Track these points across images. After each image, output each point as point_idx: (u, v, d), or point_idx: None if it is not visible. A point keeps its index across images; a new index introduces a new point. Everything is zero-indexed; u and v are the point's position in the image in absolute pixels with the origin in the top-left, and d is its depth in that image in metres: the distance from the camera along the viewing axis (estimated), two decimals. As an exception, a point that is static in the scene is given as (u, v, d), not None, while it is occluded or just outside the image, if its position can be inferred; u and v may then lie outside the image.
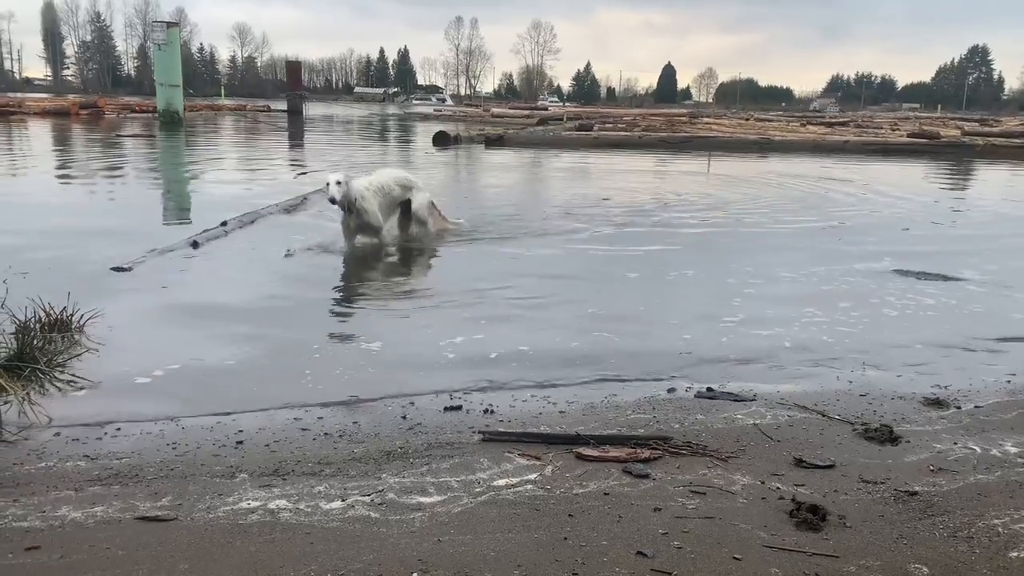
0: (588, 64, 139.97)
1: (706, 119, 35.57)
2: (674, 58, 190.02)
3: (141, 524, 2.23)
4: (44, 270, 5.43)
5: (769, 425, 3.14)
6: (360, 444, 2.89)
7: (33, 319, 3.94)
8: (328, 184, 6.27)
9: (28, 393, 3.26)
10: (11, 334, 3.77)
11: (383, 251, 6.68)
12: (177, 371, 3.71)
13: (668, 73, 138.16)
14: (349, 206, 6.43)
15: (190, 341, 4.15)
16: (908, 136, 24.91)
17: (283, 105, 42.15)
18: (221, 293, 5.18)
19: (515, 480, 2.58)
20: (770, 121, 37.30)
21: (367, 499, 2.42)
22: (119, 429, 3.00)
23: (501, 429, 3.01)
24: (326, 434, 2.98)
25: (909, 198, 11.35)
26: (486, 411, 3.25)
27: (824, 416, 3.26)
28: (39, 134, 22.06)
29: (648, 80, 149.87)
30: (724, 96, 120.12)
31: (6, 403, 3.06)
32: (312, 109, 46.77)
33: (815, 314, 4.91)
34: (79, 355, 3.76)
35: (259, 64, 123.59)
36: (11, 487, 2.45)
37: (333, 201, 6.27)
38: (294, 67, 44.87)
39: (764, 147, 22.15)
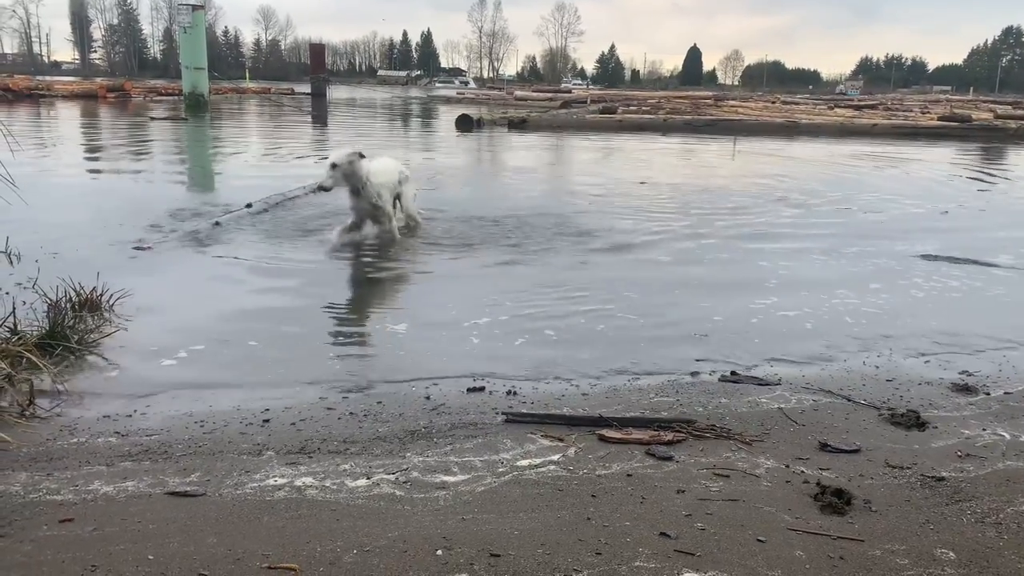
0: (612, 46, 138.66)
1: (732, 102, 35.17)
2: (700, 40, 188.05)
3: (171, 499, 2.27)
4: (74, 250, 5.51)
5: (794, 409, 3.13)
6: (385, 424, 2.91)
7: (64, 299, 4.01)
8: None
9: (60, 371, 3.32)
10: (43, 313, 3.86)
11: (416, 233, 6.64)
12: (203, 351, 3.76)
13: (693, 55, 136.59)
14: (356, 189, 5.92)
15: (215, 321, 4.20)
16: (939, 119, 24.47)
17: (307, 88, 42.29)
18: (243, 275, 5.22)
19: (538, 461, 2.59)
20: (797, 104, 36.80)
21: (392, 477, 2.44)
22: (148, 407, 3.05)
23: (524, 410, 3.02)
24: (351, 413, 3.01)
25: (946, 180, 11.17)
26: (509, 392, 3.26)
27: (849, 401, 3.24)
28: (68, 117, 22.33)
29: (673, 62, 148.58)
30: (750, 79, 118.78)
31: (39, 380, 3.11)
32: (335, 92, 46.84)
33: (846, 296, 4.88)
34: (109, 334, 3.82)
35: (283, 47, 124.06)
36: (44, 462, 2.51)
37: (324, 189, 5.81)
38: (318, 50, 44.95)
39: (791, 130, 21.87)
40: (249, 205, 7.21)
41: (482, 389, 3.30)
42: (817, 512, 2.29)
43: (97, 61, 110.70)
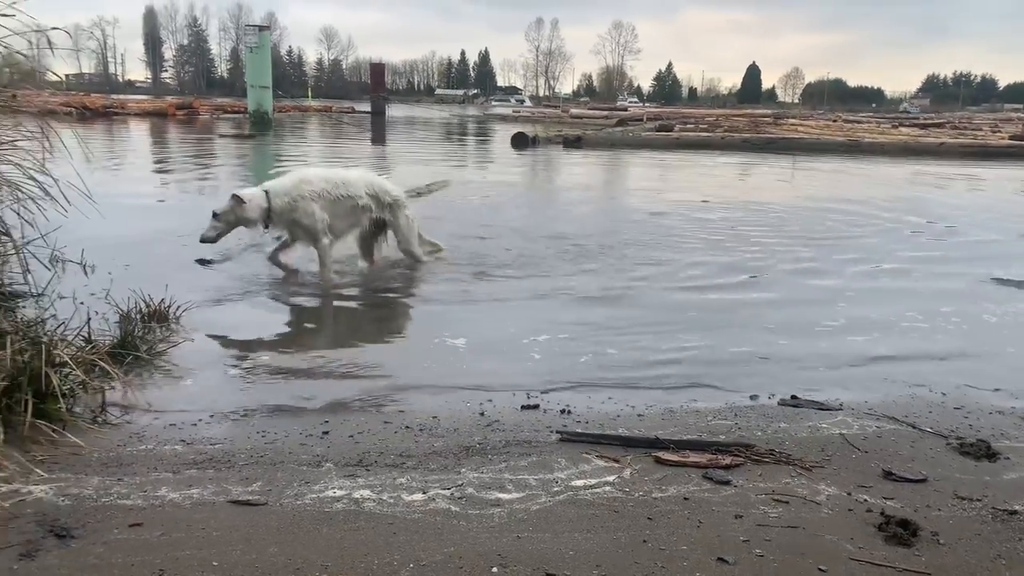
0: (670, 64, 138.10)
1: (791, 120, 34.62)
2: (759, 58, 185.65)
3: (233, 507, 2.33)
4: (144, 262, 5.71)
5: (856, 435, 3.05)
6: (439, 438, 2.94)
7: (134, 309, 4.17)
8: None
9: (130, 379, 3.44)
10: (115, 323, 4.01)
11: (488, 247, 6.69)
12: (266, 361, 3.86)
13: (752, 73, 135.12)
14: (267, 221, 5.24)
15: (277, 331, 4.30)
16: (1011, 138, 23.66)
17: (367, 106, 43.12)
18: (305, 287, 5.34)
19: (593, 481, 2.58)
20: (859, 123, 36.02)
21: (447, 493, 2.46)
22: (212, 416, 3.14)
23: (578, 430, 3.02)
24: (407, 427, 3.05)
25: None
26: (563, 411, 3.26)
27: (915, 428, 3.14)
28: (139, 133, 23.22)
29: (731, 80, 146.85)
30: (811, 97, 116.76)
31: (111, 388, 3.23)
32: (394, 110, 47.68)
33: (915, 319, 4.75)
34: (176, 344, 3.94)
35: (344, 66, 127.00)
36: (115, 467, 2.60)
37: (207, 241, 5.22)
38: (378, 69, 45.80)
39: (853, 149, 21.42)
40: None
41: (536, 407, 3.31)
42: (881, 543, 2.22)
43: (168, 80, 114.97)
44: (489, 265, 6.04)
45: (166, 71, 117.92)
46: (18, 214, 3.81)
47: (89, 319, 3.66)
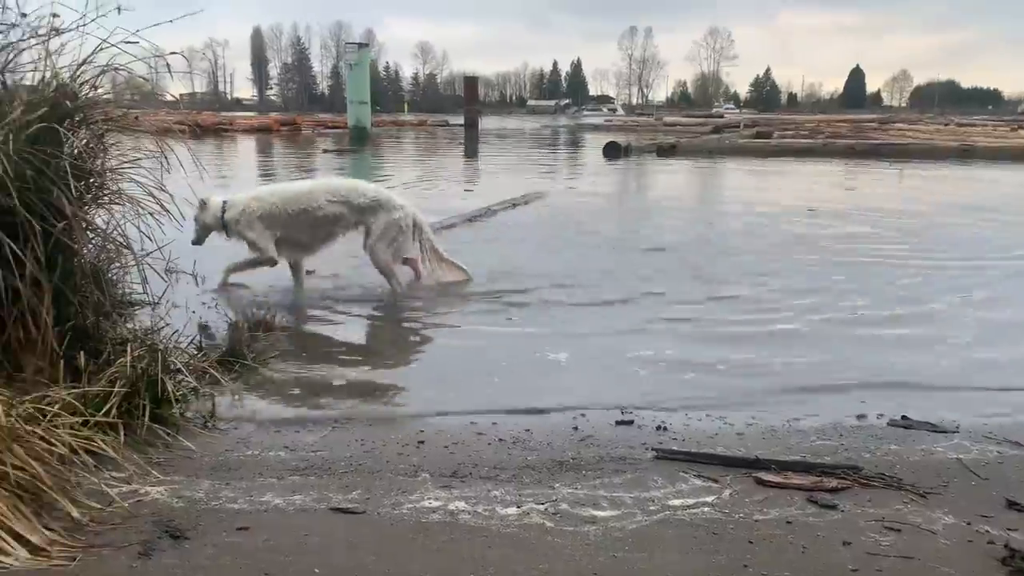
0: (768, 69, 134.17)
1: (899, 125, 33.11)
2: (864, 60, 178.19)
3: (334, 515, 2.39)
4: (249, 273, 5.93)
5: (975, 460, 2.86)
6: (533, 452, 2.93)
7: (242, 318, 4.36)
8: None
9: (238, 386, 3.60)
10: (225, 331, 4.21)
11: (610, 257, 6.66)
12: (366, 372, 3.96)
13: (856, 77, 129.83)
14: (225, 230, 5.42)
15: (377, 341, 4.41)
16: None
17: (460, 119, 43.88)
18: (408, 299, 5.44)
19: (691, 501, 2.51)
20: (972, 126, 34.08)
21: (541, 508, 2.45)
22: (314, 423, 3.24)
23: (675, 447, 2.95)
24: (500, 440, 3.06)
25: None
26: (659, 427, 3.19)
27: (1043, 455, 2.92)
28: (245, 149, 24.37)
29: (833, 85, 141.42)
30: (920, 100, 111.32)
31: (220, 395, 3.39)
32: (486, 123, 48.29)
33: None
34: (280, 352, 4.10)
35: (439, 80, 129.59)
36: (224, 471, 2.71)
37: (196, 243, 5.42)
38: (471, 83, 46.54)
39: (967, 154, 20.24)
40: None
41: (631, 422, 3.26)
42: (1005, 578, 2.07)
43: (272, 97, 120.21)
44: (581, 280, 5.99)
45: (271, 89, 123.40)
46: (138, 228, 4.05)
47: (200, 328, 3.85)
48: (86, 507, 2.30)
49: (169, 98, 5.15)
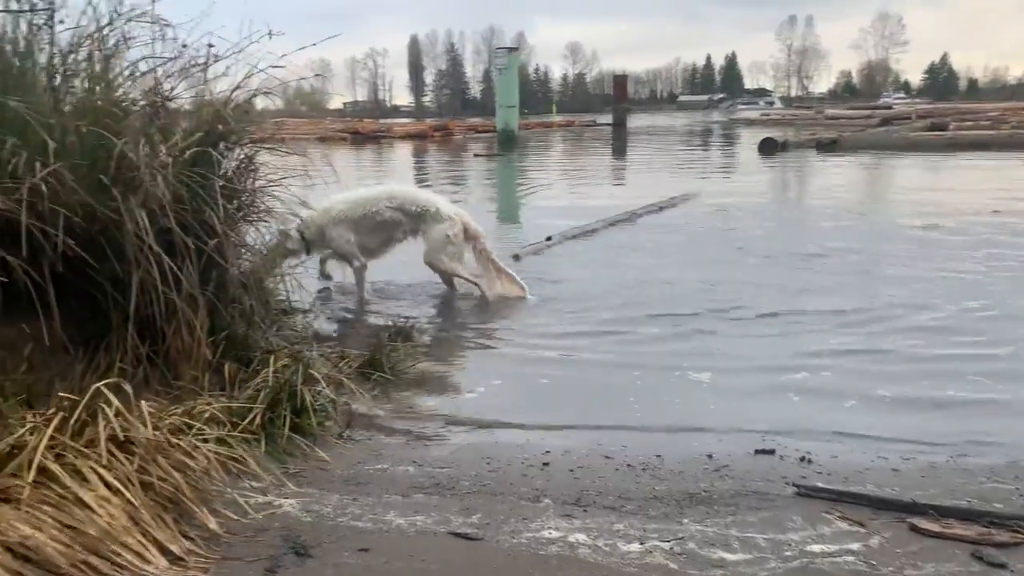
0: (944, 55, 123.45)
1: (1103, 109, 29.47)
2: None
3: (452, 540, 2.37)
4: (389, 282, 6.10)
5: None
6: (662, 481, 2.79)
7: (382, 328, 4.49)
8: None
9: (375, 396, 3.70)
10: (365, 342, 4.35)
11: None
12: (500, 386, 3.97)
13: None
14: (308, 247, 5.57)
15: (513, 357, 4.41)
16: None
17: (608, 118, 43.58)
18: (542, 311, 5.41)
19: (833, 548, 2.29)
20: None
21: (666, 546, 2.32)
22: (444, 438, 3.26)
23: (819, 484, 2.72)
24: (628, 465, 2.94)
25: None
26: (802, 459, 2.96)
27: None
28: (402, 155, 25.42)
29: (1022, 68, 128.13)
30: None
31: (357, 405, 3.49)
32: (635, 120, 47.61)
33: None
34: (417, 363, 4.17)
35: (588, 80, 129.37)
36: (353, 485, 2.77)
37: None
38: (621, 81, 46.11)
39: None
40: (549, 238, 7.52)
41: (772, 452, 3.04)
42: None
43: (428, 103, 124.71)
44: (729, 292, 5.71)
45: (426, 95, 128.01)
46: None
47: (341, 339, 3.99)
48: (223, 517, 2.41)
49: (333, 107, 5.44)
